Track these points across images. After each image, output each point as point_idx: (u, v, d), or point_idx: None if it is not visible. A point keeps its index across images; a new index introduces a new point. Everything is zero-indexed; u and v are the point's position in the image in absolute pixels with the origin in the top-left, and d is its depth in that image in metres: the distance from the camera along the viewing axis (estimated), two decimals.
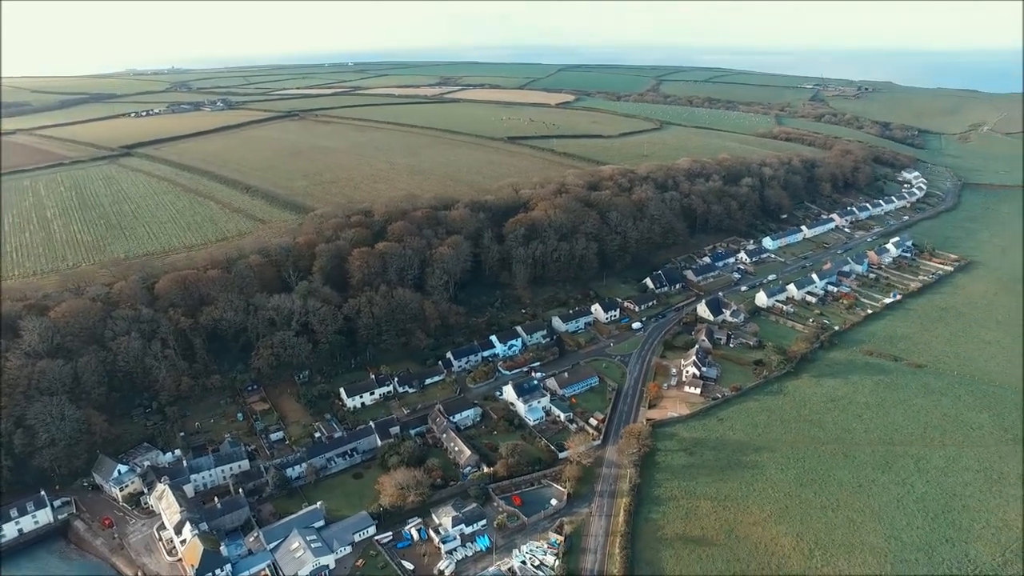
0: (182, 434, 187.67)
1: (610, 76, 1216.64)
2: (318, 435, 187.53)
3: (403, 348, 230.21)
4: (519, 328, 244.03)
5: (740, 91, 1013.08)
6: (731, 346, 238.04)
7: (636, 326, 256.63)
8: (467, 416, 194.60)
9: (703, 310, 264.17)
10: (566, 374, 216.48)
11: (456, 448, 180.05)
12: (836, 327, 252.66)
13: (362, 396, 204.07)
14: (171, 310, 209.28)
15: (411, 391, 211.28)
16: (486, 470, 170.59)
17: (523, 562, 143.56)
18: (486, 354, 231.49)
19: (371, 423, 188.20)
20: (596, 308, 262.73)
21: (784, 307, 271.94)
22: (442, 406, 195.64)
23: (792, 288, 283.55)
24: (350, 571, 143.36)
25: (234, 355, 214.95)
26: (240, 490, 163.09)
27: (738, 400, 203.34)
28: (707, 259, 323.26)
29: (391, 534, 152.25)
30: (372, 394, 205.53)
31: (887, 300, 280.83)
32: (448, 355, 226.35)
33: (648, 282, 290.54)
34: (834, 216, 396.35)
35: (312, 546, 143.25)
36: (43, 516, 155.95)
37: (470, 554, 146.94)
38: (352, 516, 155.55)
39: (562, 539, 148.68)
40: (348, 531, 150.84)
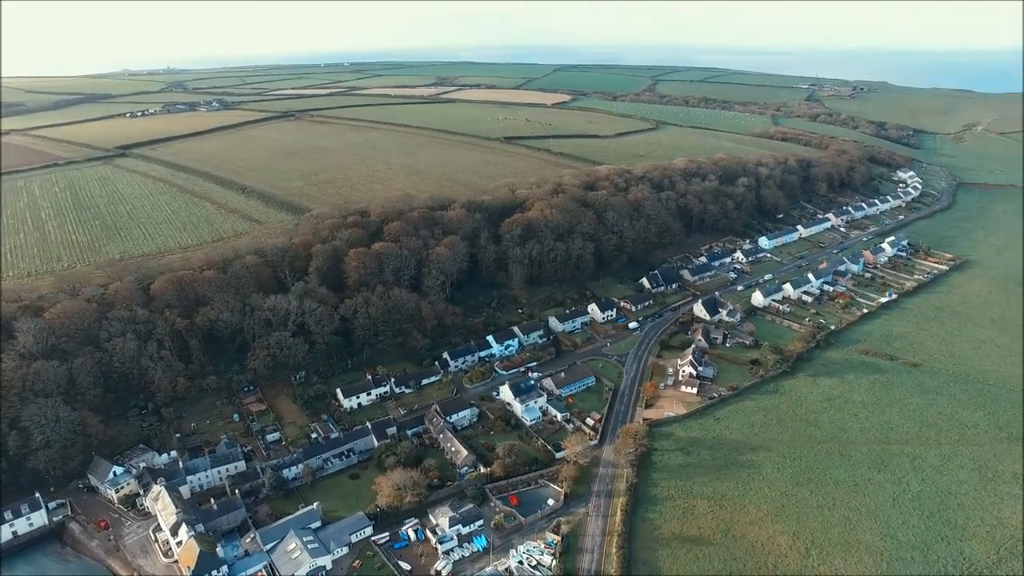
0: (178, 435, 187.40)
1: (606, 76, 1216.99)
2: (315, 436, 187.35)
3: (400, 348, 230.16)
4: (516, 328, 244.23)
5: (736, 91, 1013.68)
6: (727, 346, 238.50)
7: (632, 326, 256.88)
8: (464, 416, 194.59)
9: (699, 310, 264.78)
10: (563, 374, 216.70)
11: (453, 448, 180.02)
12: (832, 326, 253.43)
13: (359, 397, 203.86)
14: (167, 311, 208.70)
15: (408, 391, 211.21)
16: (483, 470, 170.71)
17: (520, 562, 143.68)
18: (483, 354, 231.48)
19: (368, 424, 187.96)
20: (592, 308, 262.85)
21: (780, 306, 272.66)
22: (439, 406, 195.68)
23: (788, 288, 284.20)
24: (347, 572, 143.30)
25: (230, 356, 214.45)
26: (236, 491, 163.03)
27: (734, 399, 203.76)
28: (703, 259, 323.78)
29: (388, 535, 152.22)
30: (369, 395, 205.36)
31: (883, 299, 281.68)
32: (445, 355, 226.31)
33: (644, 282, 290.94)
34: (830, 216, 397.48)
35: (309, 547, 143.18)
36: (38, 518, 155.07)
37: (467, 554, 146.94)
38: (349, 517, 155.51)
39: (559, 539, 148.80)
40: (345, 532, 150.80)
